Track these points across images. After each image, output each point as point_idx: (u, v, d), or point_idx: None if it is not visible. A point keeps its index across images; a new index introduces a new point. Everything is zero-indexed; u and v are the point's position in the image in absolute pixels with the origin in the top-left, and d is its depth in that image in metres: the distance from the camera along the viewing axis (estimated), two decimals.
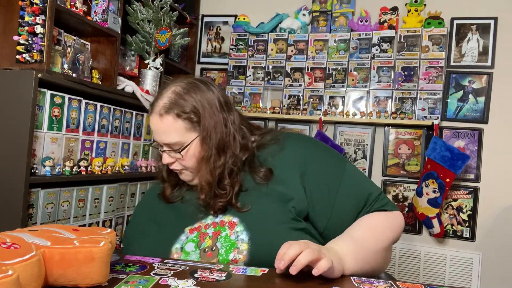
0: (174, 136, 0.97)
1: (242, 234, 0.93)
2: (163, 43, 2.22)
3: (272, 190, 0.97)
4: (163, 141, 0.99)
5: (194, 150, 0.98)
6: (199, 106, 0.97)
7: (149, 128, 2.28)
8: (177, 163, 1.01)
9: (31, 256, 0.57)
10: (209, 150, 0.97)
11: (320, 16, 2.60)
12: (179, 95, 0.98)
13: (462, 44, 2.42)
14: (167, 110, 0.97)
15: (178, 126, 0.97)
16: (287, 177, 0.99)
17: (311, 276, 0.81)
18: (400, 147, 2.48)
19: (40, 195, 1.59)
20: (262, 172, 0.99)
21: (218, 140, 0.98)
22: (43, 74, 1.51)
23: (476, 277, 2.33)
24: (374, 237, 0.97)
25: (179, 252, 0.95)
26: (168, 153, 1.00)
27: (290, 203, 0.96)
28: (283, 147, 1.04)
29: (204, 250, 0.93)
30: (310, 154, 1.03)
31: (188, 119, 0.97)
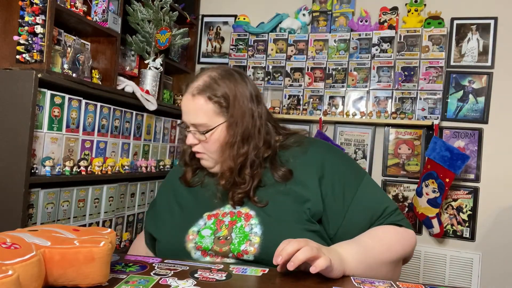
0: (202, 117, 1.01)
1: (256, 227, 0.96)
2: (163, 43, 2.22)
3: (290, 190, 1.00)
4: (190, 121, 1.03)
5: (219, 134, 1.02)
6: (230, 94, 1.01)
7: (149, 128, 2.28)
8: (200, 146, 1.03)
9: (31, 256, 0.57)
10: (234, 137, 1.01)
11: (320, 16, 2.60)
12: (214, 79, 1.03)
13: (462, 44, 2.42)
14: (200, 91, 1.02)
15: (207, 108, 1.01)
16: (306, 179, 1.01)
17: (311, 276, 0.81)
18: (400, 147, 2.48)
19: (40, 195, 1.59)
20: (282, 172, 1.02)
21: (244, 129, 1.01)
22: (43, 74, 1.51)
23: (476, 277, 2.33)
24: (381, 247, 0.96)
25: (195, 234, 0.99)
26: (193, 134, 1.03)
27: (306, 205, 0.97)
28: (306, 151, 1.06)
29: (218, 238, 0.96)
30: (331, 160, 1.05)
31: (218, 103, 1.01)
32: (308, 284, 0.79)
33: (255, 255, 0.92)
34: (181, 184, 1.12)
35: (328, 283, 0.80)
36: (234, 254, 0.93)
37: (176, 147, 2.61)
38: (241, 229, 0.96)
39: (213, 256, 0.96)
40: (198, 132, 1.02)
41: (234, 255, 0.94)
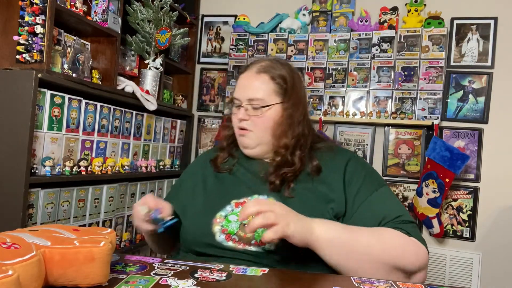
0: (262, 93, 1.08)
1: None
2: (163, 43, 2.22)
3: (316, 188, 1.03)
4: (248, 96, 1.08)
5: (274, 113, 1.08)
6: (290, 79, 1.11)
7: (149, 128, 2.28)
8: (249, 122, 1.08)
9: (31, 256, 0.57)
10: (289, 118, 1.08)
11: (320, 16, 2.60)
12: (278, 63, 1.13)
13: (462, 44, 2.42)
14: (264, 70, 1.10)
15: (268, 86, 1.09)
16: (332, 180, 1.05)
17: (311, 276, 0.81)
18: (400, 147, 2.48)
19: (40, 195, 1.59)
20: (315, 164, 1.07)
21: (299, 113, 1.10)
22: (43, 74, 1.51)
23: (476, 277, 2.33)
24: (373, 240, 0.93)
25: (222, 218, 1.02)
26: (246, 110, 1.08)
27: (330, 204, 1.00)
28: (334, 155, 1.11)
29: (244, 224, 0.98)
30: (353, 165, 1.08)
31: (279, 84, 1.09)
32: (308, 284, 0.79)
33: (277, 244, 0.94)
34: (210, 169, 1.16)
35: (328, 283, 0.80)
36: (257, 241, 0.96)
37: (176, 147, 2.61)
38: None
39: (235, 242, 0.98)
40: (252, 108, 1.08)
41: (256, 242, 0.96)
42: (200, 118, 2.86)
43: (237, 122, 1.11)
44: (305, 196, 1.01)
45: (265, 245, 0.95)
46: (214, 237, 0.99)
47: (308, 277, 0.83)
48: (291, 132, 1.08)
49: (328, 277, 0.85)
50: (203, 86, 2.88)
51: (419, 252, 0.96)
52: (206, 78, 2.88)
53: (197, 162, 1.25)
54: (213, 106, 2.85)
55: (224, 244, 0.98)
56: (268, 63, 1.12)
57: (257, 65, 1.12)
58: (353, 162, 1.09)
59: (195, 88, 2.89)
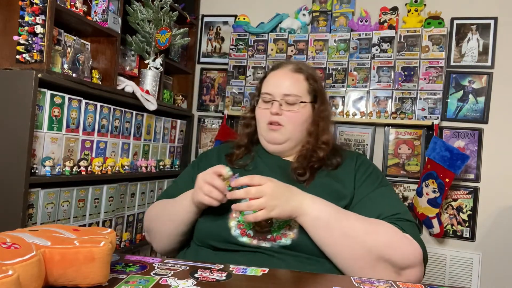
0: (298, 90, 1.14)
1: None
2: (163, 43, 2.22)
3: (329, 185, 1.06)
4: (283, 92, 1.13)
5: (308, 111, 1.16)
6: (319, 81, 1.21)
7: (149, 128, 2.28)
8: (282, 117, 1.13)
9: (31, 256, 0.57)
10: (325, 116, 1.17)
11: (320, 16, 2.60)
12: (306, 65, 1.23)
13: (462, 44, 2.42)
14: (300, 70, 1.18)
15: (303, 85, 1.16)
16: (346, 178, 1.10)
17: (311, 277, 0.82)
18: (400, 147, 2.48)
19: (40, 195, 1.59)
20: (337, 162, 1.14)
21: (327, 112, 1.19)
22: (43, 74, 1.51)
23: (476, 277, 2.33)
24: (362, 225, 0.96)
25: (238, 213, 1.04)
26: (280, 104, 1.13)
27: (342, 202, 1.04)
28: (346, 154, 1.18)
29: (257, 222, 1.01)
30: (364, 165, 1.15)
31: (311, 85, 1.17)
32: (308, 284, 0.79)
33: (293, 239, 0.97)
34: (225, 162, 1.18)
35: (328, 283, 0.80)
36: (273, 236, 0.98)
37: (176, 147, 2.61)
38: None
39: (250, 237, 1.00)
40: (286, 103, 1.13)
41: (272, 237, 0.98)
42: (200, 118, 2.86)
43: (267, 117, 1.14)
44: (318, 192, 1.03)
45: (281, 239, 0.98)
46: (230, 232, 1.01)
47: (308, 277, 0.83)
48: (329, 129, 1.17)
49: (328, 277, 0.85)
50: (203, 86, 2.88)
51: (410, 248, 0.95)
52: (206, 78, 2.88)
53: (212, 155, 1.26)
54: (213, 106, 2.85)
55: (238, 239, 1.00)
56: (300, 64, 1.20)
57: (290, 65, 1.19)
58: (361, 160, 1.16)
59: (195, 88, 2.89)
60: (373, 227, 0.96)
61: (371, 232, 0.95)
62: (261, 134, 1.18)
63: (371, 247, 0.93)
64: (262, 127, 1.16)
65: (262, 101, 1.17)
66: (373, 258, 0.92)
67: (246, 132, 1.24)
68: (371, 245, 0.93)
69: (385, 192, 1.08)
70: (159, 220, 1.15)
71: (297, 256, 0.97)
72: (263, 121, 1.16)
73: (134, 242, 2.21)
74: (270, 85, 1.17)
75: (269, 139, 1.15)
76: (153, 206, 1.23)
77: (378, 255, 0.92)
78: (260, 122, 1.17)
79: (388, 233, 0.95)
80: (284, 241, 0.98)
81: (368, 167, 1.14)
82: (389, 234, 0.95)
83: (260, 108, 1.17)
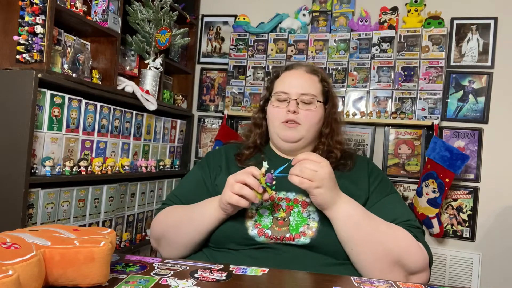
0: (315, 91, 1.18)
1: (314, 214, 1.03)
2: (163, 43, 2.22)
3: (345, 186, 1.07)
4: (300, 91, 1.15)
5: (322, 111, 1.19)
6: (330, 83, 1.24)
7: (149, 128, 2.28)
8: (299, 115, 1.14)
9: (31, 256, 0.57)
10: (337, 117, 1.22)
11: (320, 16, 2.60)
12: (317, 68, 1.25)
13: (462, 44, 2.42)
14: (315, 71, 1.22)
15: (318, 86, 1.20)
16: (359, 180, 1.12)
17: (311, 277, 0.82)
18: (400, 147, 2.48)
19: (40, 195, 1.59)
20: (350, 163, 1.17)
21: (338, 114, 1.24)
22: (43, 74, 1.51)
23: (476, 277, 2.33)
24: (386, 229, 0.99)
25: (254, 212, 1.04)
26: (297, 103, 1.15)
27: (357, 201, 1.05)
28: (356, 161, 1.20)
29: (277, 218, 1.02)
30: (376, 170, 1.19)
31: (324, 86, 1.21)
32: (308, 285, 0.79)
33: (312, 238, 0.98)
34: (233, 162, 1.19)
35: (328, 283, 0.80)
36: (292, 234, 0.99)
37: (176, 147, 2.61)
38: (299, 214, 1.03)
39: (267, 237, 1.00)
40: (303, 102, 1.15)
41: (291, 236, 0.99)
42: (200, 118, 2.86)
43: (282, 116, 1.15)
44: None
45: (300, 238, 0.99)
46: (247, 231, 1.01)
47: (308, 277, 0.83)
48: (341, 130, 1.21)
49: (328, 277, 0.85)
50: (203, 86, 2.88)
51: (422, 255, 0.99)
52: (206, 78, 2.88)
53: (221, 155, 1.25)
54: (213, 106, 2.85)
55: (256, 239, 1.00)
56: (314, 66, 1.24)
57: (304, 66, 1.22)
58: (372, 165, 1.20)
59: (195, 88, 2.89)
60: (394, 231, 1.00)
61: (393, 236, 0.98)
62: (275, 132, 1.18)
63: (392, 250, 0.96)
64: (276, 126, 1.17)
65: (277, 100, 1.17)
66: (392, 261, 0.96)
67: (258, 132, 1.25)
68: (392, 249, 0.96)
69: (395, 199, 1.12)
70: (178, 229, 1.08)
71: (315, 259, 0.98)
72: (278, 119, 1.16)
73: (134, 242, 2.21)
74: (286, 84, 1.18)
75: (285, 137, 1.16)
76: (165, 213, 1.16)
77: (397, 258, 0.96)
78: (274, 121, 1.17)
79: (406, 239, 0.99)
80: (303, 240, 0.98)
81: (379, 173, 1.18)
82: (407, 240, 0.99)
83: (274, 106, 1.17)
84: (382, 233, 0.97)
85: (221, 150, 1.28)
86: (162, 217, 1.16)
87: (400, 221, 1.04)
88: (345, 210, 0.97)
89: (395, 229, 1.00)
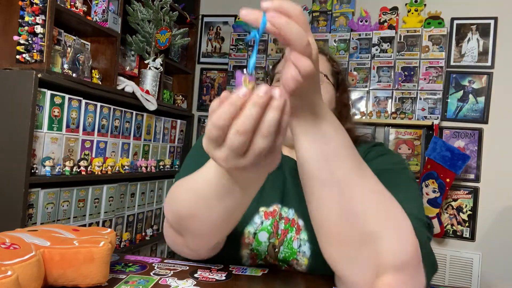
0: (323, 69, 0.99)
1: (305, 245, 0.86)
2: (163, 43, 2.22)
3: None
4: None
5: (332, 93, 1.00)
6: (342, 67, 1.07)
7: (149, 128, 2.28)
8: None
9: (30, 257, 0.57)
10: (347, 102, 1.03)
11: (320, 16, 2.60)
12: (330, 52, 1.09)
13: (462, 44, 2.42)
14: (322, 50, 1.04)
15: (327, 65, 1.03)
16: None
17: (311, 277, 0.81)
18: (400, 147, 2.48)
19: (40, 195, 1.59)
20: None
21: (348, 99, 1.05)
22: (43, 74, 1.51)
23: (476, 277, 2.33)
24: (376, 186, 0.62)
25: (251, 238, 0.89)
26: None
27: None
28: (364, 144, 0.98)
29: (273, 246, 0.89)
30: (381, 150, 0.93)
31: (334, 67, 1.04)
32: (308, 285, 0.79)
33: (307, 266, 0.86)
34: None
35: (328, 283, 0.80)
36: (282, 266, 0.88)
37: (176, 147, 2.61)
38: (290, 244, 0.88)
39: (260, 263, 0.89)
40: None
41: (280, 266, 0.89)
42: (200, 118, 2.86)
43: None
44: None
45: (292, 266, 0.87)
46: (241, 261, 0.89)
47: (308, 277, 0.83)
48: (351, 118, 1.03)
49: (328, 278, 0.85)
50: (203, 86, 2.88)
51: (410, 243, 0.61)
52: (206, 78, 2.88)
53: None
54: None
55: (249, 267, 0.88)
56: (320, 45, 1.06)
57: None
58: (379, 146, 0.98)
59: (195, 88, 2.89)
60: (387, 199, 0.63)
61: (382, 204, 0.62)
62: None
63: (369, 221, 0.59)
64: None
65: (277, 80, 0.96)
66: (364, 233, 0.60)
67: None
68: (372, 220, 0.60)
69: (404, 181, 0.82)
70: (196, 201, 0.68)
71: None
72: None
73: (134, 242, 2.21)
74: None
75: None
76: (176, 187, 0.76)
77: (371, 231, 0.60)
78: None
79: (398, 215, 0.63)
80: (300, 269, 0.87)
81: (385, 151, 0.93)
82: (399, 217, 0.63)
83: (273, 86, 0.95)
84: (363, 188, 0.59)
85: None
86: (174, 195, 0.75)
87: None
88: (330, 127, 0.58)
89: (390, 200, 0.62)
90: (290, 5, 0.49)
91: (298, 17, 0.48)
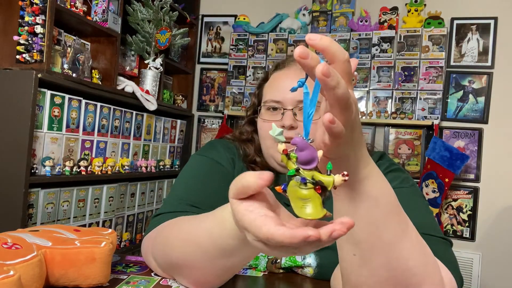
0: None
1: (310, 257, 0.83)
2: (163, 43, 2.22)
3: None
4: (297, 98, 0.85)
5: None
6: None
7: (149, 128, 2.28)
8: (298, 130, 0.85)
9: (32, 257, 0.57)
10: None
11: (320, 16, 2.60)
12: None
13: (462, 44, 2.42)
14: None
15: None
16: None
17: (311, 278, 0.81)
18: (400, 147, 2.48)
19: (40, 195, 1.59)
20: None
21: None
22: (43, 74, 1.51)
23: (476, 277, 2.33)
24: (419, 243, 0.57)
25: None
26: (294, 114, 0.86)
27: None
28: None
29: (272, 261, 0.85)
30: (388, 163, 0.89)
31: None
32: (308, 285, 0.79)
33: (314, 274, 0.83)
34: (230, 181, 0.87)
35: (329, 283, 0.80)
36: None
37: (176, 147, 2.61)
38: (292, 256, 0.83)
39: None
40: (301, 111, 0.84)
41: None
42: (200, 118, 2.86)
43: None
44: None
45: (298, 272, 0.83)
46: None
47: (308, 278, 0.83)
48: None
49: None
50: (203, 86, 2.88)
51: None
52: (206, 78, 2.88)
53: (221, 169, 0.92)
54: (213, 106, 2.85)
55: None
56: None
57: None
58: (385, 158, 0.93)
59: (195, 88, 2.89)
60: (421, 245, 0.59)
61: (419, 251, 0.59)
62: (268, 154, 0.90)
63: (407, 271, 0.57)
64: (270, 146, 0.88)
65: (267, 111, 0.89)
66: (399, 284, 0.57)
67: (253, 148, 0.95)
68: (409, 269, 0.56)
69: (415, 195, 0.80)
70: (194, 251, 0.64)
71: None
72: (271, 138, 0.69)
73: (134, 242, 2.21)
74: (277, 90, 0.89)
75: (278, 159, 0.84)
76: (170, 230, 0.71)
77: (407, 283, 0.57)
78: (266, 139, 0.89)
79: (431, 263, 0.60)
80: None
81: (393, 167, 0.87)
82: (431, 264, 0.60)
83: (265, 120, 0.88)
84: (409, 243, 0.55)
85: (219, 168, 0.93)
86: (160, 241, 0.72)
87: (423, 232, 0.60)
88: (377, 187, 0.53)
89: (423, 242, 0.58)
90: (337, 48, 0.44)
91: (342, 66, 0.45)
